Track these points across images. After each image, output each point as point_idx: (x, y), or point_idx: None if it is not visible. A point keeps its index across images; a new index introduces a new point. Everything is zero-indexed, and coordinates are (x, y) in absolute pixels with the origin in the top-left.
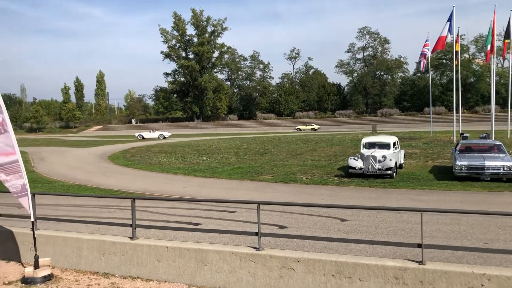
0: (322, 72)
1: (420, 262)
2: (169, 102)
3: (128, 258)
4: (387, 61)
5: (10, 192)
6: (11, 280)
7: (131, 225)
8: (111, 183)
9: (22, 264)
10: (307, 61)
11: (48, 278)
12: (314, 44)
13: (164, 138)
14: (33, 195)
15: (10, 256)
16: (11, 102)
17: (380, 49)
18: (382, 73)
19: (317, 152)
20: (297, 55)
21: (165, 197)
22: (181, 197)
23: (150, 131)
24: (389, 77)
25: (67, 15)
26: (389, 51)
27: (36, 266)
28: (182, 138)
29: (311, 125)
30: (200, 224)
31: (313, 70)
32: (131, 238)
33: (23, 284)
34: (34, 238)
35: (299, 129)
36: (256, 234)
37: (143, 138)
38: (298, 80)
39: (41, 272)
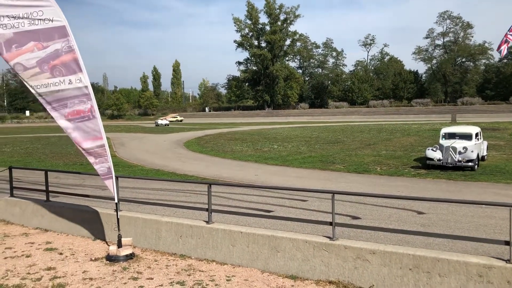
0: (398, 59)
1: (508, 261)
2: (241, 91)
3: (204, 241)
4: (470, 47)
5: (98, 174)
6: (97, 257)
7: (207, 210)
8: (187, 169)
9: (106, 242)
10: (383, 48)
11: (130, 257)
12: (390, 30)
13: (157, 125)
14: (116, 178)
15: (96, 234)
16: (94, 90)
17: (462, 34)
18: (463, 59)
19: (392, 142)
20: (372, 42)
21: (238, 183)
22: (253, 183)
23: (162, 120)
24: (471, 64)
25: (149, 7)
26: (472, 37)
27: (119, 245)
28: (253, 126)
29: (176, 117)
30: (272, 211)
31: (388, 57)
32: (207, 222)
33: (108, 261)
34: (118, 219)
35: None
36: (330, 223)
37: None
38: (372, 68)
39: (124, 251)
